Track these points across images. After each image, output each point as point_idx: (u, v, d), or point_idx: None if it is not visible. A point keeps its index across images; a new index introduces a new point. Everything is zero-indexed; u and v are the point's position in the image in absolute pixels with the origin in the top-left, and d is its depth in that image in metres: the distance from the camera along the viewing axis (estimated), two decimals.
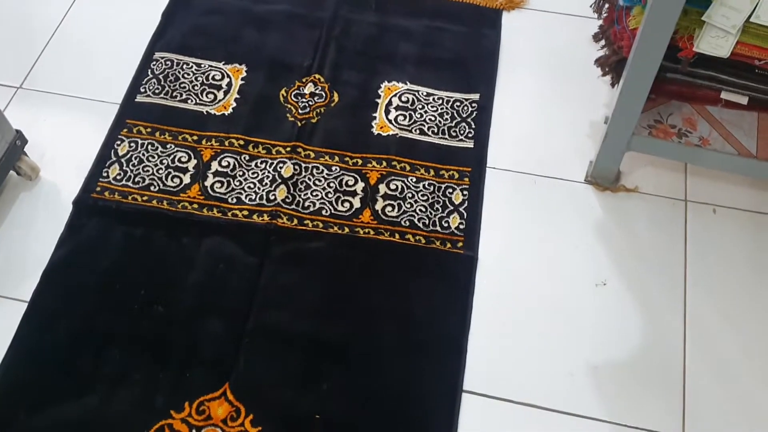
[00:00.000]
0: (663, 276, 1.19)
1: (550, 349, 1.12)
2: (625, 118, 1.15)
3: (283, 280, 1.17)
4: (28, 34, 1.51)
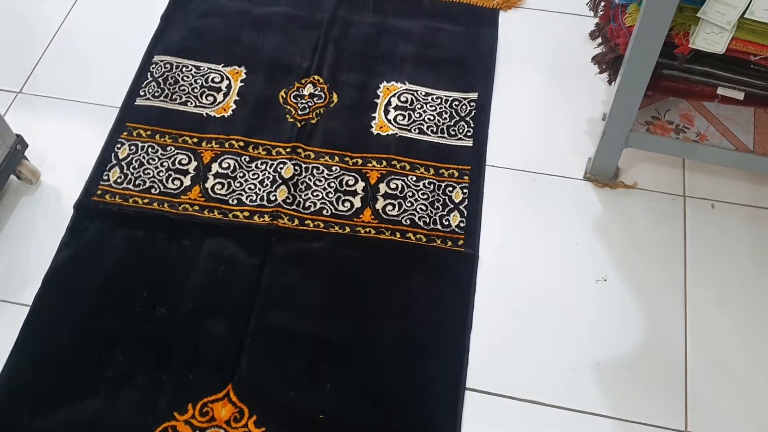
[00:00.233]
0: (663, 271, 1.20)
1: (553, 346, 1.12)
2: (623, 115, 1.16)
3: (285, 281, 1.17)
4: (28, 39, 1.52)
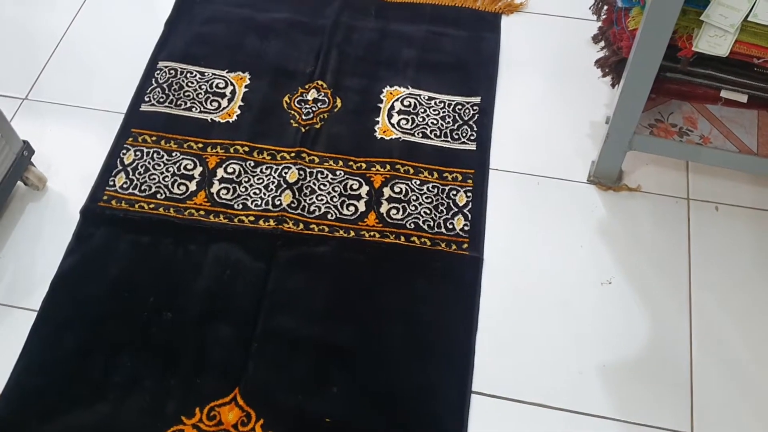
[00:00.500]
0: (668, 273, 1.20)
1: (558, 348, 1.12)
2: (627, 118, 1.16)
3: (291, 285, 1.17)
4: (33, 46, 1.52)
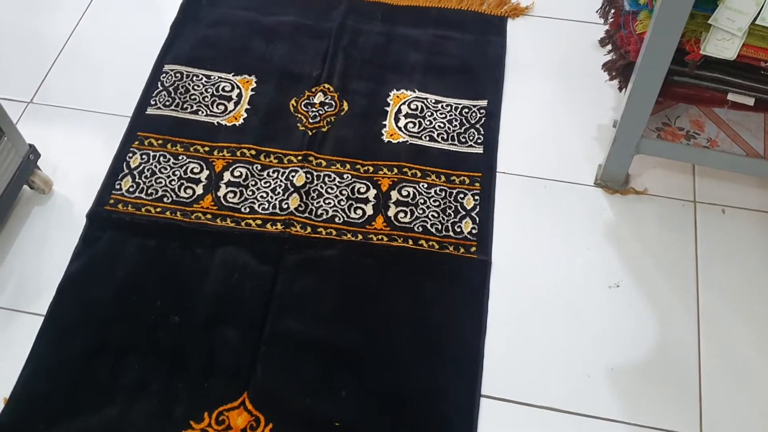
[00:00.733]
0: (675, 276, 1.20)
1: (567, 352, 1.12)
2: (634, 122, 1.16)
3: (298, 288, 1.17)
4: (38, 49, 1.52)
